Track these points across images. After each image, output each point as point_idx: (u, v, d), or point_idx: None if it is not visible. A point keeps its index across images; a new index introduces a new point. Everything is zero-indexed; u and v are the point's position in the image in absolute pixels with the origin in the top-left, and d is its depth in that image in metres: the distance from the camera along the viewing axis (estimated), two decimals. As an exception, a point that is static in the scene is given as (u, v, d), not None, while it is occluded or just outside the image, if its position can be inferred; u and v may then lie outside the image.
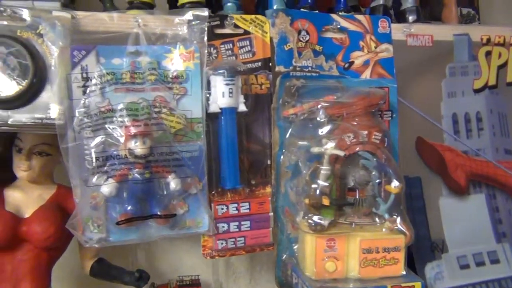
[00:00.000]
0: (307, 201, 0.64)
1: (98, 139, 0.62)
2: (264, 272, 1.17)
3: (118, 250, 0.81)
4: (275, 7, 0.76)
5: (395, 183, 0.63)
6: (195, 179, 0.65)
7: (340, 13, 0.79)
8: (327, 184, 0.63)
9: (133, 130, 0.60)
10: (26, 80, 0.59)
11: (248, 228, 0.70)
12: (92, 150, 0.62)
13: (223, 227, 0.68)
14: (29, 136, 0.72)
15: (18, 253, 0.71)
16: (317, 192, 0.63)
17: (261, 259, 1.17)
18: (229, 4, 0.77)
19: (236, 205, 0.69)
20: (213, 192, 0.68)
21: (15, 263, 0.71)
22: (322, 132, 0.64)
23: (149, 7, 0.71)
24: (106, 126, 0.62)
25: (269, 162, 0.71)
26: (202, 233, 0.67)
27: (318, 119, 0.65)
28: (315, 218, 0.64)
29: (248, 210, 0.69)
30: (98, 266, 0.81)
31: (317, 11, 0.78)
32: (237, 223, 0.69)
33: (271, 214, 0.71)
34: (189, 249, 1.13)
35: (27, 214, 0.72)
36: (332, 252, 0.65)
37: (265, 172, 0.71)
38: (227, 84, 0.65)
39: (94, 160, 0.62)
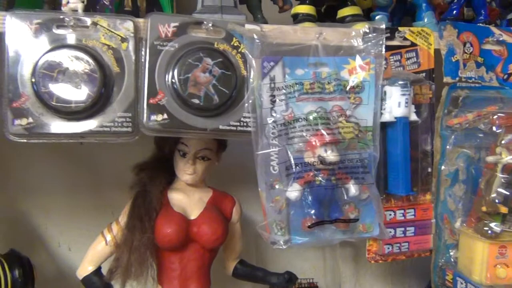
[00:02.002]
0: (484, 208, 0.66)
1: (283, 147, 0.65)
2: (368, 276, 1.19)
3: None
4: (425, 20, 0.79)
5: None
6: (369, 185, 0.67)
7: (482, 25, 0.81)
8: (509, 193, 0.65)
9: (327, 138, 0.63)
10: (228, 90, 0.62)
11: (412, 234, 0.72)
12: (278, 157, 0.65)
13: (390, 232, 0.71)
14: (194, 141, 0.75)
15: (186, 253, 0.75)
16: (496, 200, 0.65)
17: (365, 264, 1.19)
18: (379, 16, 0.80)
19: (402, 211, 0.71)
20: (381, 198, 0.71)
21: (184, 262, 0.75)
22: (502, 141, 0.66)
23: (314, 18, 0.74)
24: (292, 134, 0.65)
25: (429, 170, 0.73)
26: (374, 237, 0.70)
27: (494, 128, 0.67)
28: (492, 225, 0.66)
29: (413, 216, 0.72)
30: (242, 267, 0.84)
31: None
32: (402, 229, 0.71)
33: (433, 220, 0.73)
34: (297, 252, 1.15)
35: (193, 216, 0.76)
36: (503, 259, 0.67)
37: (426, 180, 0.73)
38: (404, 95, 0.67)
39: (279, 166, 0.65)
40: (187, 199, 0.77)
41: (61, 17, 0.60)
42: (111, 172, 1.01)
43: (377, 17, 0.79)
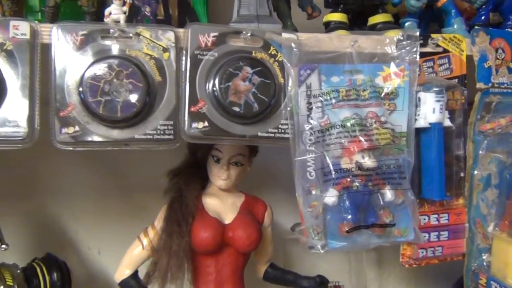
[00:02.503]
0: (520, 213, 0.67)
1: (320, 153, 0.66)
2: (392, 279, 1.20)
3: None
4: (455, 26, 0.79)
5: None
6: (406, 190, 0.68)
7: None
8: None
9: (365, 144, 0.64)
10: (267, 98, 0.64)
11: (446, 238, 0.73)
12: (314, 163, 0.66)
13: (424, 236, 0.71)
14: (228, 147, 0.77)
15: (220, 257, 0.76)
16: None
17: (388, 267, 1.20)
18: (409, 23, 0.80)
19: (436, 215, 0.72)
20: (415, 202, 0.71)
21: (219, 266, 0.76)
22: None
23: (346, 26, 0.75)
24: (328, 140, 0.66)
25: (462, 174, 0.74)
26: (408, 242, 0.71)
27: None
28: (528, 229, 0.66)
29: (447, 221, 0.73)
30: (272, 271, 0.86)
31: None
32: (436, 233, 0.72)
33: (466, 225, 0.74)
34: (322, 255, 1.16)
35: (227, 221, 0.77)
36: (537, 263, 0.68)
37: (459, 184, 0.74)
38: (438, 101, 0.68)
39: (316, 172, 0.66)
40: (221, 204, 0.79)
41: (106, 28, 0.61)
42: (139, 176, 1.03)
43: (406, 24, 0.80)
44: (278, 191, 1.02)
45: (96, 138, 0.61)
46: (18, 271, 0.76)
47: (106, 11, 0.64)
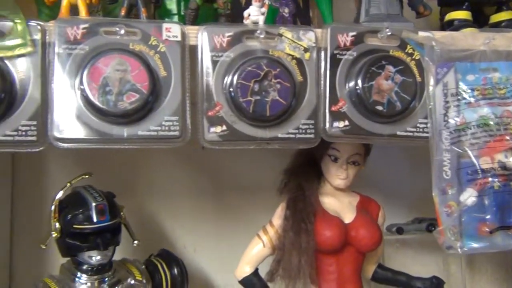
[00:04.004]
0: None
1: (457, 152, 0.65)
2: (483, 282, 1.17)
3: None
4: None
5: None
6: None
7: None
8: None
9: (511, 143, 0.63)
10: (409, 97, 0.64)
11: None
12: (450, 162, 0.66)
13: (560, 238, 0.70)
14: (346, 146, 0.77)
15: (341, 256, 0.76)
16: None
17: (480, 270, 1.17)
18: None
19: None
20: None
21: (340, 265, 0.76)
22: None
23: (471, 23, 0.74)
24: (465, 139, 0.66)
25: None
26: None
27: None
28: None
29: None
30: (382, 271, 0.85)
31: None
32: None
33: None
34: (413, 256, 1.15)
35: (347, 220, 0.77)
36: None
37: None
38: None
39: (452, 171, 0.66)
40: (338, 203, 0.79)
41: (252, 29, 0.63)
42: (232, 176, 1.05)
43: (526, 20, 0.79)
44: (369, 191, 1.02)
45: (242, 137, 0.62)
46: (143, 266, 0.78)
47: (245, 13, 0.65)
